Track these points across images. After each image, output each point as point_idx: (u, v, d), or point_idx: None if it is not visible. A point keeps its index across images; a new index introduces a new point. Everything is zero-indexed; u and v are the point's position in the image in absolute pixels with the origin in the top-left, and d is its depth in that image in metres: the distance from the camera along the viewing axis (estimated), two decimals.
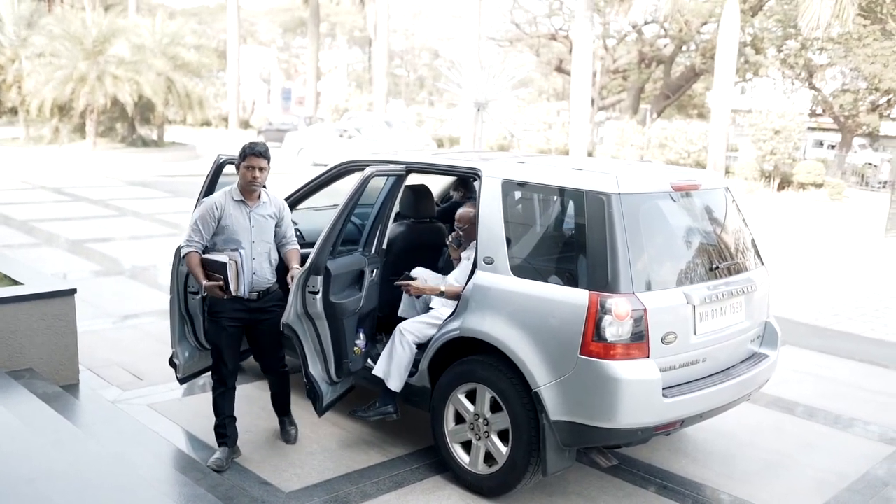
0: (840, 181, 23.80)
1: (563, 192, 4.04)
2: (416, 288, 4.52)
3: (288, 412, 4.74)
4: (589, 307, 3.67)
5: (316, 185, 5.26)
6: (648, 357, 3.72)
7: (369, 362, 4.61)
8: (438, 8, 53.39)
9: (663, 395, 3.74)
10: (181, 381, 4.95)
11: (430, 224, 5.39)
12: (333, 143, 24.62)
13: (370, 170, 4.35)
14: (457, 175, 5.32)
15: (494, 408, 4.05)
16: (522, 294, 3.95)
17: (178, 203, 14.80)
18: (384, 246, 4.72)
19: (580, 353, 3.69)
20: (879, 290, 10.21)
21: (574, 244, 3.98)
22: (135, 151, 24.51)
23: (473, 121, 15.95)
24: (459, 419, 4.24)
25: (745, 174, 23.70)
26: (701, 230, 4.35)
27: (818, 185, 23.17)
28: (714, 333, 4.07)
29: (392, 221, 4.84)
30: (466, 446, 4.23)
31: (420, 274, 4.84)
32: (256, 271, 4.29)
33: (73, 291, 5.42)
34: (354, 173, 4.84)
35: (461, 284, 4.32)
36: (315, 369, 4.39)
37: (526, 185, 4.18)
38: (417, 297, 4.75)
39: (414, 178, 4.91)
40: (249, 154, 4.22)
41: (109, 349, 6.23)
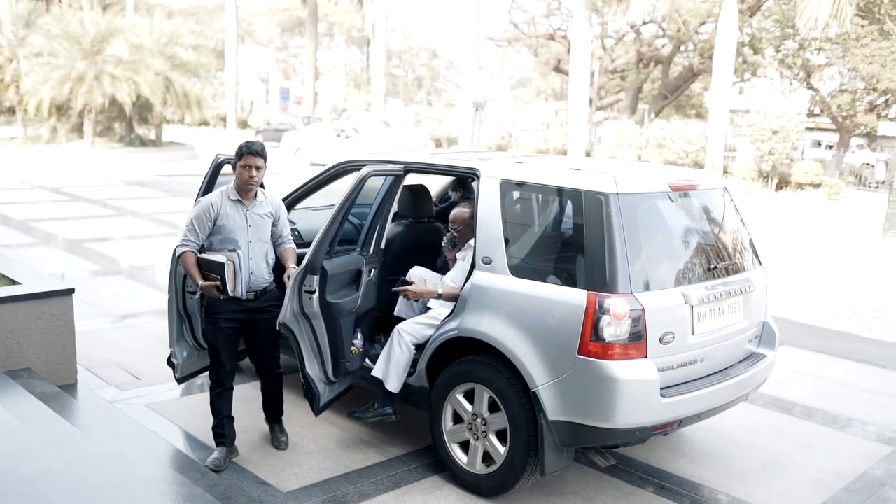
0: (838, 181, 23.83)
1: (562, 192, 4.04)
2: (414, 292, 4.50)
3: (279, 419, 4.66)
4: (587, 307, 3.67)
5: (314, 185, 5.25)
6: (646, 357, 3.72)
7: (367, 362, 4.60)
8: (437, 8, 53.42)
9: (661, 395, 3.74)
10: (179, 380, 4.94)
11: (429, 224, 5.38)
12: (331, 142, 24.58)
13: (366, 169, 4.34)
14: (455, 175, 5.31)
15: (492, 408, 4.05)
16: (520, 294, 3.95)
17: (176, 203, 14.79)
18: (382, 246, 4.71)
19: (578, 353, 3.69)
20: (877, 291, 10.23)
21: (572, 244, 3.98)
22: (133, 151, 24.52)
23: (471, 121, 15.91)
24: (457, 419, 4.23)
25: (743, 174, 23.72)
26: (699, 230, 4.35)
27: (816, 186, 23.20)
28: (712, 333, 4.07)
29: (390, 221, 4.84)
30: (464, 446, 4.23)
31: (418, 273, 4.83)
32: (253, 271, 4.28)
33: (71, 291, 5.41)
34: (352, 173, 4.83)
35: (458, 285, 4.31)
36: (312, 369, 4.38)
37: (524, 185, 4.18)
38: (416, 300, 4.74)
39: (412, 178, 4.90)
40: (246, 153, 4.21)
41: (107, 349, 6.22)
